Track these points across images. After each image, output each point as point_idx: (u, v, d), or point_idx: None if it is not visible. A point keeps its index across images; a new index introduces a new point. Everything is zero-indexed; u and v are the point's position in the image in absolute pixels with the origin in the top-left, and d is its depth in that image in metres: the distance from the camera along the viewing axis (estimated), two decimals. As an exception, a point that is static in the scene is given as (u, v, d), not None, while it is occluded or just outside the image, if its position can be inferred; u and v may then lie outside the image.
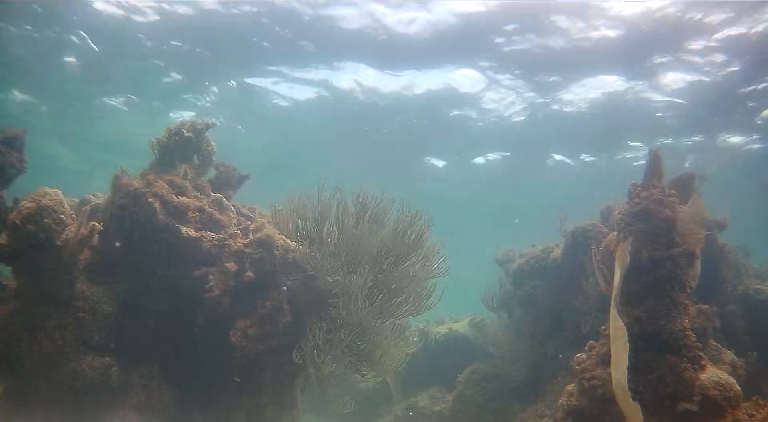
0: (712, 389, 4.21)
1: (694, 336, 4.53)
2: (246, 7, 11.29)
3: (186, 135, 6.29)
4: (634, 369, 4.51)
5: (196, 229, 5.68)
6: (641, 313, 4.54)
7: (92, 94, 15.60)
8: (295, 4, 11.10)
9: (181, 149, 6.32)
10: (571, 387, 5.04)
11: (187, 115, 16.36)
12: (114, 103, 16.09)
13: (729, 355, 5.84)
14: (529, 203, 20.11)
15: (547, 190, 19.52)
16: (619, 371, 4.24)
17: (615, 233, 5.11)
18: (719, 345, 5.98)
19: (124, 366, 5.28)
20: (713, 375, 4.34)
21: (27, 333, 4.98)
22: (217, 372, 5.61)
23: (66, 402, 5.01)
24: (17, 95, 15.57)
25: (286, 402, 6.06)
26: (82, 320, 5.13)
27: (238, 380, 5.59)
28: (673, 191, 4.86)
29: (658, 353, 4.46)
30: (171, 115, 16.66)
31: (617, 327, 4.38)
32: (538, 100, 14.51)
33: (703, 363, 4.43)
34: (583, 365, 4.86)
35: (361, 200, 5.64)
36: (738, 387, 4.27)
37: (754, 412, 4.17)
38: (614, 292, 4.56)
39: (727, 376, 4.36)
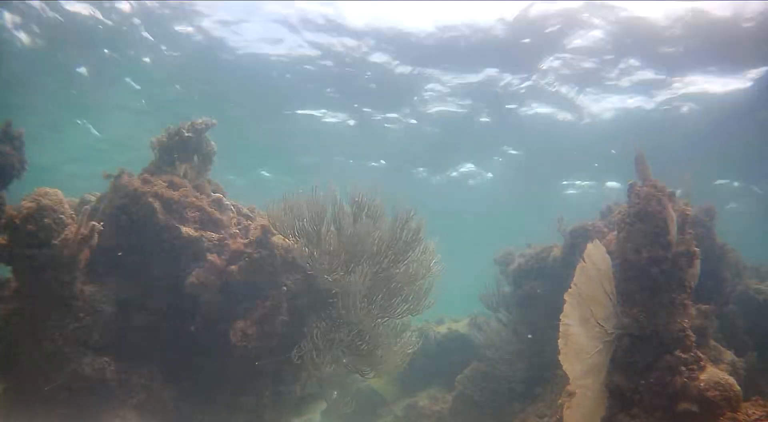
0: (711, 389, 4.20)
1: (693, 336, 4.52)
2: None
3: (186, 135, 6.28)
4: (633, 369, 4.51)
5: (196, 229, 5.68)
6: (640, 313, 4.53)
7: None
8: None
9: (181, 149, 6.32)
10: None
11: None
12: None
13: (729, 355, 5.82)
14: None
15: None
16: (569, 365, 4.32)
17: (615, 232, 5.10)
18: (719, 345, 5.96)
19: (124, 365, 5.29)
20: (713, 375, 4.33)
21: (27, 333, 4.98)
22: (217, 372, 5.61)
23: (66, 402, 5.01)
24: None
25: (286, 402, 6.06)
26: (82, 320, 5.13)
27: (238, 380, 5.59)
28: (672, 190, 4.86)
29: (657, 353, 4.45)
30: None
31: (563, 323, 4.46)
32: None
33: (702, 363, 4.42)
34: (582, 365, 4.85)
35: (357, 199, 5.63)
36: (738, 387, 4.26)
37: (754, 412, 4.16)
38: (572, 288, 4.62)
39: (726, 376, 4.34)
